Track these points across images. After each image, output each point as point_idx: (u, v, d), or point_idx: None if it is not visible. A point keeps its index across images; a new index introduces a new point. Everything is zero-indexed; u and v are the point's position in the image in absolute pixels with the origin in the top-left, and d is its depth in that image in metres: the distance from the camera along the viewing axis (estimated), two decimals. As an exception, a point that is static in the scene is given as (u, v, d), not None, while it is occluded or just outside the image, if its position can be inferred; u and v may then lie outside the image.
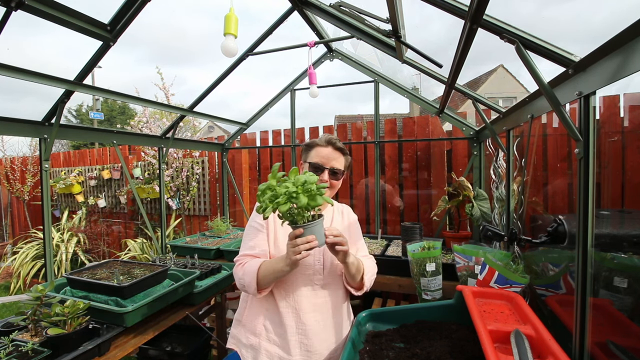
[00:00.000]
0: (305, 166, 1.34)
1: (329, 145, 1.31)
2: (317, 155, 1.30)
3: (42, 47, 62.72)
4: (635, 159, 2.16)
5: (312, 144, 1.34)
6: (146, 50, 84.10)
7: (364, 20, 1.54)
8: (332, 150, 1.31)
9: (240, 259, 1.28)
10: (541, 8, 77.53)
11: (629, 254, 1.14)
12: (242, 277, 1.20)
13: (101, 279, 1.68)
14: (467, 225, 2.67)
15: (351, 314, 1.44)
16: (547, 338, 0.89)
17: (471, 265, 1.53)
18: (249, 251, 1.27)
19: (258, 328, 1.26)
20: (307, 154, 1.35)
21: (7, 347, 1.26)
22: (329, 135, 1.34)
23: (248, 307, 1.33)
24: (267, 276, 1.16)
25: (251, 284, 1.17)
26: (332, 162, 1.30)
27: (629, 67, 0.70)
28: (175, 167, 4.22)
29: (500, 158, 1.92)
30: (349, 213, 1.47)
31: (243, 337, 1.29)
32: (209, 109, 2.74)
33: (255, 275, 1.17)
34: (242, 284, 1.21)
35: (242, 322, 1.32)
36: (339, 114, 16.57)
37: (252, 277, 1.17)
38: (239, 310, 1.37)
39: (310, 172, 1.08)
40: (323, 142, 1.32)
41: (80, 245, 4.79)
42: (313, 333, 1.23)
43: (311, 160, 1.31)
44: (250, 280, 1.17)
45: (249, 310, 1.31)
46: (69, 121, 21.74)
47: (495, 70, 17.02)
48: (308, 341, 1.22)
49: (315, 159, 1.30)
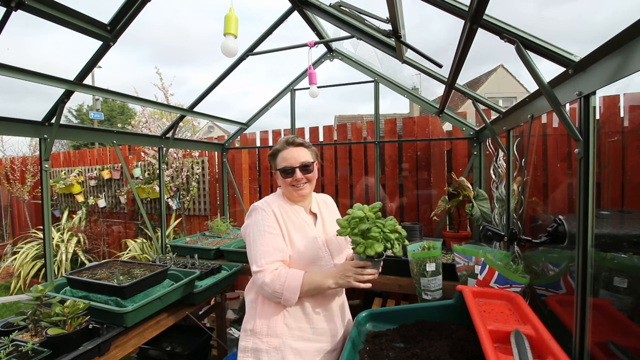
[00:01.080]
0: (276, 173, 1.36)
1: (288, 146, 1.33)
2: (283, 160, 1.31)
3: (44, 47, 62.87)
4: (635, 159, 2.16)
5: (275, 152, 1.36)
6: (148, 50, 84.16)
7: (364, 20, 1.54)
8: (293, 149, 1.32)
9: (267, 267, 1.19)
10: (541, 8, 77.50)
11: (629, 254, 1.14)
12: (280, 291, 1.16)
13: (101, 279, 1.68)
14: (467, 225, 2.67)
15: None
16: (547, 338, 0.89)
17: (471, 265, 1.53)
18: (274, 256, 1.21)
19: (279, 329, 1.23)
20: (274, 162, 1.36)
21: (7, 347, 1.26)
22: (287, 136, 1.36)
23: (259, 313, 1.28)
24: (309, 291, 1.19)
25: (291, 299, 1.17)
26: (299, 159, 1.31)
27: (629, 67, 0.70)
28: (175, 167, 4.21)
29: (500, 158, 1.92)
30: (330, 202, 1.53)
31: (263, 344, 1.23)
32: (209, 109, 2.74)
33: (298, 292, 1.16)
34: (276, 296, 1.18)
35: (255, 330, 1.26)
36: (339, 114, 16.56)
37: (294, 292, 1.16)
38: (247, 319, 1.32)
39: (391, 217, 1.19)
40: (283, 144, 1.34)
41: (80, 245, 4.79)
42: (335, 316, 1.33)
43: (279, 167, 1.32)
44: (292, 296, 1.17)
45: (262, 316, 1.27)
46: (69, 121, 21.73)
47: (495, 70, 17.01)
48: (332, 324, 1.31)
49: (283, 163, 1.31)
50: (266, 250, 1.21)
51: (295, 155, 1.31)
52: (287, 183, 1.31)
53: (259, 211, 1.27)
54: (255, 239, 1.23)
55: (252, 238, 1.25)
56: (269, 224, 1.25)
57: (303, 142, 1.35)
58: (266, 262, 1.19)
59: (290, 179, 1.30)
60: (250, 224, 1.28)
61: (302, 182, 1.31)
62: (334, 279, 1.17)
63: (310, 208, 1.41)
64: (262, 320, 1.26)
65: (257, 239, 1.23)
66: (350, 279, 1.14)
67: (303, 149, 1.34)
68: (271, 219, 1.26)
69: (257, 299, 1.31)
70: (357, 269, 1.14)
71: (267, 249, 1.21)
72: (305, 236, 1.30)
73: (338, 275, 1.17)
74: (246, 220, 1.32)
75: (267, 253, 1.21)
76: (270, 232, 1.24)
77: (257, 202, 1.32)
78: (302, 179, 1.30)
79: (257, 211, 1.28)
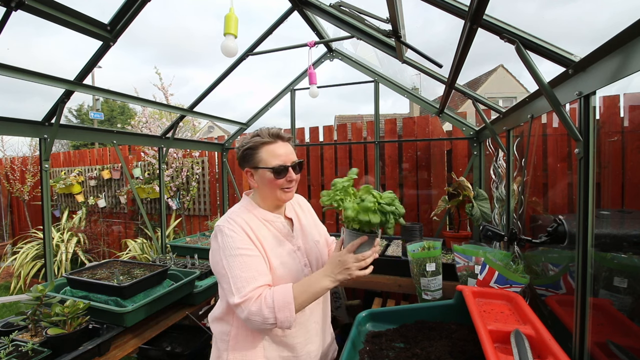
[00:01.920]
0: (258, 173, 1.12)
1: (277, 140, 1.12)
2: (273, 156, 1.09)
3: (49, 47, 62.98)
4: (635, 159, 2.16)
5: (257, 145, 1.10)
6: (152, 51, 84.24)
7: (364, 20, 1.54)
8: (283, 144, 1.13)
9: (250, 294, 0.98)
10: (542, 9, 77.52)
11: (629, 254, 1.14)
12: (272, 315, 0.96)
13: (101, 279, 1.68)
14: (467, 225, 2.67)
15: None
16: (547, 338, 0.89)
17: (471, 265, 1.53)
18: (259, 281, 1.01)
19: (257, 354, 1.10)
20: (254, 158, 1.11)
21: (7, 347, 1.26)
22: (268, 128, 1.13)
23: (232, 348, 1.11)
24: (306, 302, 1.00)
25: (289, 319, 0.97)
26: (291, 156, 1.13)
27: (629, 67, 0.70)
28: (175, 167, 4.22)
29: (500, 158, 1.92)
30: (304, 203, 1.37)
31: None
32: (212, 109, 2.75)
33: (293, 307, 0.97)
34: (270, 323, 0.97)
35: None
36: (339, 114, 16.57)
37: (289, 310, 0.96)
38: (217, 356, 1.15)
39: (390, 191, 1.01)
40: (268, 137, 1.11)
41: (80, 245, 4.79)
42: (315, 335, 1.20)
43: (269, 165, 1.09)
44: (288, 315, 0.97)
45: (236, 351, 1.11)
46: (70, 121, 21.72)
47: (495, 70, 17.01)
48: (313, 346, 1.19)
49: (274, 161, 1.09)
50: (249, 276, 1.00)
51: (288, 152, 1.12)
52: (278, 185, 1.11)
53: (227, 233, 1.04)
54: (231, 266, 1.01)
55: (226, 266, 1.02)
56: (243, 246, 1.04)
57: (290, 137, 1.17)
58: (251, 289, 0.99)
59: (282, 180, 1.10)
60: (219, 249, 1.05)
61: (293, 184, 1.14)
62: (331, 276, 1.00)
63: (285, 213, 1.24)
64: (235, 355, 1.10)
65: (233, 265, 1.01)
66: (352, 269, 0.97)
67: (290, 145, 1.16)
68: (244, 240, 1.05)
69: (229, 331, 1.13)
70: (356, 256, 0.97)
71: (249, 275, 1.01)
72: (284, 250, 1.14)
73: (335, 271, 1.00)
74: (212, 245, 1.11)
75: (250, 279, 1.00)
76: (247, 254, 1.03)
77: (220, 221, 1.10)
78: (295, 179, 1.14)
79: (224, 234, 1.05)
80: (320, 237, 1.34)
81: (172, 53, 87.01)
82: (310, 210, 1.38)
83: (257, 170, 1.12)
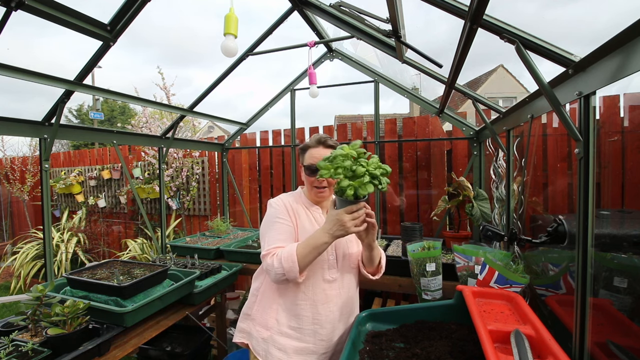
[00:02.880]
0: (303, 170, 1.36)
1: (319, 145, 1.32)
2: (311, 157, 1.31)
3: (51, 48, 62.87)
4: (635, 159, 2.16)
5: (305, 147, 1.36)
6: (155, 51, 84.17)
7: (364, 20, 1.54)
8: (323, 149, 1.31)
9: (271, 250, 1.21)
10: (544, 9, 77.50)
11: (629, 254, 1.14)
12: (280, 265, 1.15)
13: (101, 279, 1.68)
14: (467, 225, 2.67)
15: (358, 304, 1.45)
16: (547, 338, 0.89)
17: (471, 265, 1.53)
18: (279, 243, 1.23)
19: (270, 322, 1.28)
20: (302, 157, 1.37)
21: (7, 347, 1.26)
22: (319, 134, 1.36)
23: (258, 302, 1.35)
24: (308, 255, 1.14)
25: (293, 268, 1.13)
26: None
27: (629, 67, 0.70)
28: (175, 167, 4.21)
29: (500, 158, 1.92)
30: None
31: (254, 331, 1.32)
32: (214, 109, 2.74)
33: (295, 258, 1.13)
34: (280, 273, 1.16)
35: (252, 316, 1.34)
36: (339, 114, 16.57)
37: (292, 260, 1.13)
38: (248, 304, 1.39)
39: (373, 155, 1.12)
40: (314, 142, 1.33)
41: (80, 245, 4.79)
42: (327, 322, 1.27)
43: (306, 163, 1.33)
44: (292, 264, 1.13)
45: (260, 305, 1.34)
46: (70, 121, 21.71)
47: (495, 70, 16.99)
48: (322, 330, 1.27)
49: (309, 160, 1.31)
50: (273, 236, 1.25)
51: (323, 155, 1.25)
52: (310, 182, 1.33)
53: (272, 206, 1.34)
54: (268, 229, 1.29)
55: (264, 230, 1.31)
56: (280, 216, 1.29)
57: (333, 145, 1.32)
58: (273, 247, 1.22)
59: (313, 178, 1.30)
60: (267, 215, 1.34)
61: (323, 185, 1.30)
62: (329, 232, 1.10)
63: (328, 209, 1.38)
64: (258, 309, 1.33)
65: (268, 229, 1.29)
66: (348, 225, 1.07)
67: (330, 151, 1.29)
68: (283, 211, 1.30)
69: (260, 287, 1.37)
70: (352, 214, 1.07)
71: (274, 235, 1.25)
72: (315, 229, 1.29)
73: (334, 228, 1.09)
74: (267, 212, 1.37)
75: (273, 239, 1.25)
76: (279, 222, 1.28)
77: (276, 198, 1.38)
78: (324, 181, 1.29)
79: (270, 206, 1.35)
80: (354, 237, 1.38)
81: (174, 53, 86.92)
82: None
83: (302, 168, 1.36)
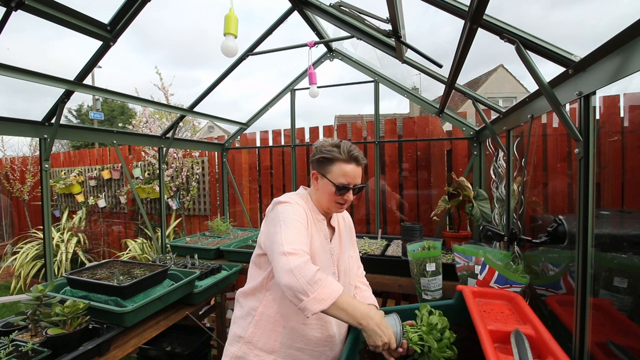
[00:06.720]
0: (323, 181, 1.20)
1: (352, 162, 1.18)
2: (343, 174, 1.17)
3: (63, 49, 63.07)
4: (635, 159, 2.16)
5: (333, 159, 1.17)
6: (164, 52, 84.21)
7: (364, 20, 1.54)
8: (355, 167, 1.18)
9: (300, 251, 1.01)
10: (548, 10, 77.42)
11: (629, 254, 1.14)
12: (312, 281, 0.95)
13: (101, 279, 1.68)
14: (467, 225, 2.67)
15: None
16: (547, 338, 0.89)
17: (471, 265, 1.53)
18: (305, 248, 1.04)
19: (275, 345, 1.15)
20: (325, 167, 1.19)
21: (7, 347, 1.26)
22: (351, 146, 1.19)
23: (256, 324, 1.17)
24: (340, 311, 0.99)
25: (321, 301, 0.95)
26: (357, 179, 1.20)
27: (629, 67, 0.70)
28: (175, 167, 4.22)
29: (500, 158, 1.92)
30: (348, 219, 1.46)
31: (252, 356, 1.15)
32: (219, 109, 2.76)
33: (333, 300, 0.96)
34: (304, 285, 0.94)
35: (247, 339, 1.16)
36: (339, 114, 16.57)
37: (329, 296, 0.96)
38: (241, 326, 1.20)
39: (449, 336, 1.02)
40: (346, 157, 1.17)
41: (80, 245, 4.79)
42: (334, 344, 1.22)
43: (336, 181, 1.17)
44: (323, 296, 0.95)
45: (259, 327, 1.17)
46: (70, 121, 21.71)
47: (495, 70, 16.99)
48: (331, 352, 1.21)
49: (341, 179, 1.16)
50: (302, 240, 1.05)
51: (356, 175, 1.19)
52: (335, 199, 1.19)
53: (291, 204, 1.15)
54: (287, 224, 1.07)
55: (281, 222, 1.08)
56: (299, 219, 1.11)
57: (365, 162, 1.23)
58: (302, 248, 1.02)
59: (340, 197, 1.18)
60: (281, 211, 1.12)
61: (348, 202, 1.22)
62: (371, 320, 1.00)
63: (330, 221, 1.31)
64: (256, 332, 1.16)
65: (288, 224, 1.07)
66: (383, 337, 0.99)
67: (361, 169, 1.22)
68: (303, 215, 1.14)
69: (257, 307, 1.19)
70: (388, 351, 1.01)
71: (296, 236, 1.05)
72: (323, 247, 1.21)
73: (378, 323, 1.00)
74: (269, 215, 1.18)
75: (297, 240, 1.03)
76: (301, 224, 1.10)
77: (286, 197, 1.19)
78: (350, 200, 1.21)
79: (290, 203, 1.15)
80: (355, 254, 1.39)
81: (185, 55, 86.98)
82: (351, 228, 1.44)
83: (324, 178, 1.20)
